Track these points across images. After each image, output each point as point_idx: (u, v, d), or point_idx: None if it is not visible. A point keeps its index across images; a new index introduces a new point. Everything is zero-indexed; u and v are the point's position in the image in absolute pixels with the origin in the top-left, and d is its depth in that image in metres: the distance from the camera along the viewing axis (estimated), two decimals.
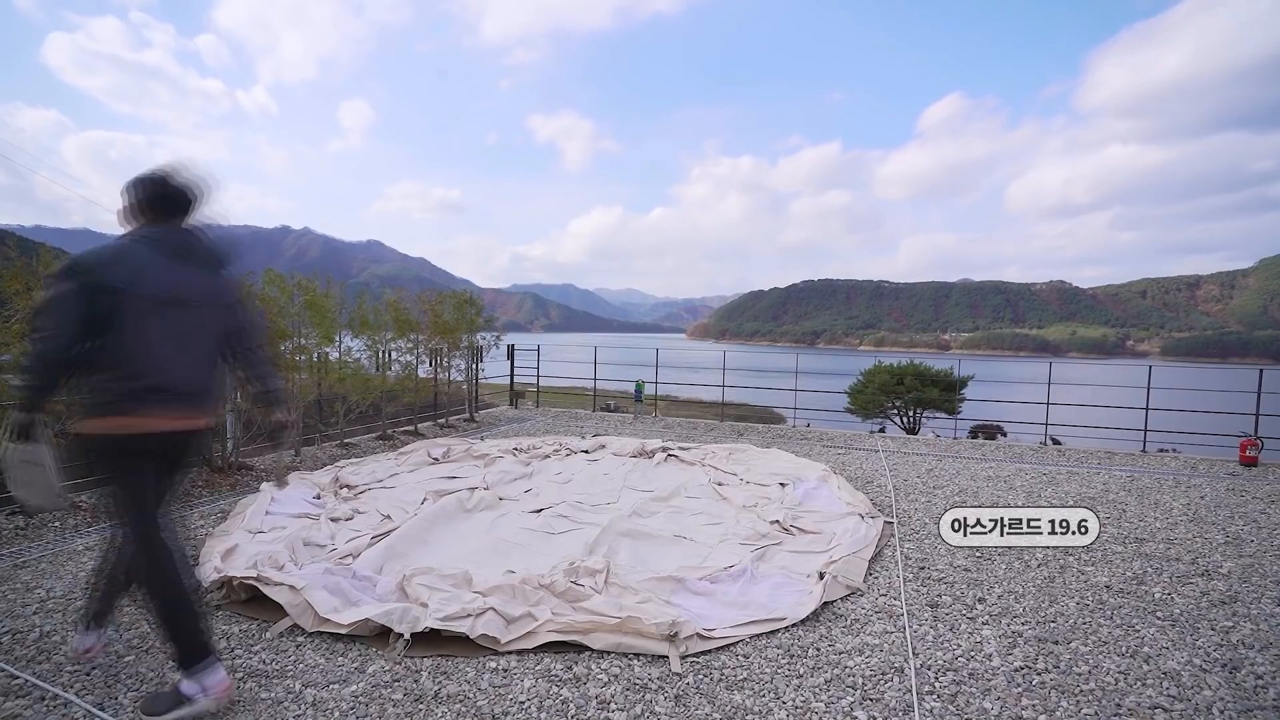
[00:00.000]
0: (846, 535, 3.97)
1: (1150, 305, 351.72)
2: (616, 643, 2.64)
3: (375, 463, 5.96)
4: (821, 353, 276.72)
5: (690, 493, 5.21)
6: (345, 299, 7.85)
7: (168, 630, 2.11)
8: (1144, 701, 2.36)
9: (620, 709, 2.27)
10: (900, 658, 2.66)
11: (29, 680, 2.36)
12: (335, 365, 7.42)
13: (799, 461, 6.33)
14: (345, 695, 2.33)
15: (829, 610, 3.11)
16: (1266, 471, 6.53)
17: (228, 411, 6.14)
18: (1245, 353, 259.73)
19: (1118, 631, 2.92)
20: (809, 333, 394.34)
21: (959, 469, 6.47)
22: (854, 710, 2.29)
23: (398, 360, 8.57)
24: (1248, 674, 2.56)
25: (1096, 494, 5.49)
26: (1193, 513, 4.91)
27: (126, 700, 2.28)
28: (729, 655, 2.66)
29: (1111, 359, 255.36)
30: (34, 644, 2.64)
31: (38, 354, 1.96)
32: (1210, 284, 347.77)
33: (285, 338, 6.43)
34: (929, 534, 4.29)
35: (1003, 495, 5.49)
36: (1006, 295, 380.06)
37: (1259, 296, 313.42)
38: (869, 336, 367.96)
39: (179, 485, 2.41)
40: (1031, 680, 2.50)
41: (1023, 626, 2.95)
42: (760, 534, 4.07)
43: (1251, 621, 3.02)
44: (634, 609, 2.86)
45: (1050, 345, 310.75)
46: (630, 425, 9.35)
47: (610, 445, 7.01)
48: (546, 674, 2.48)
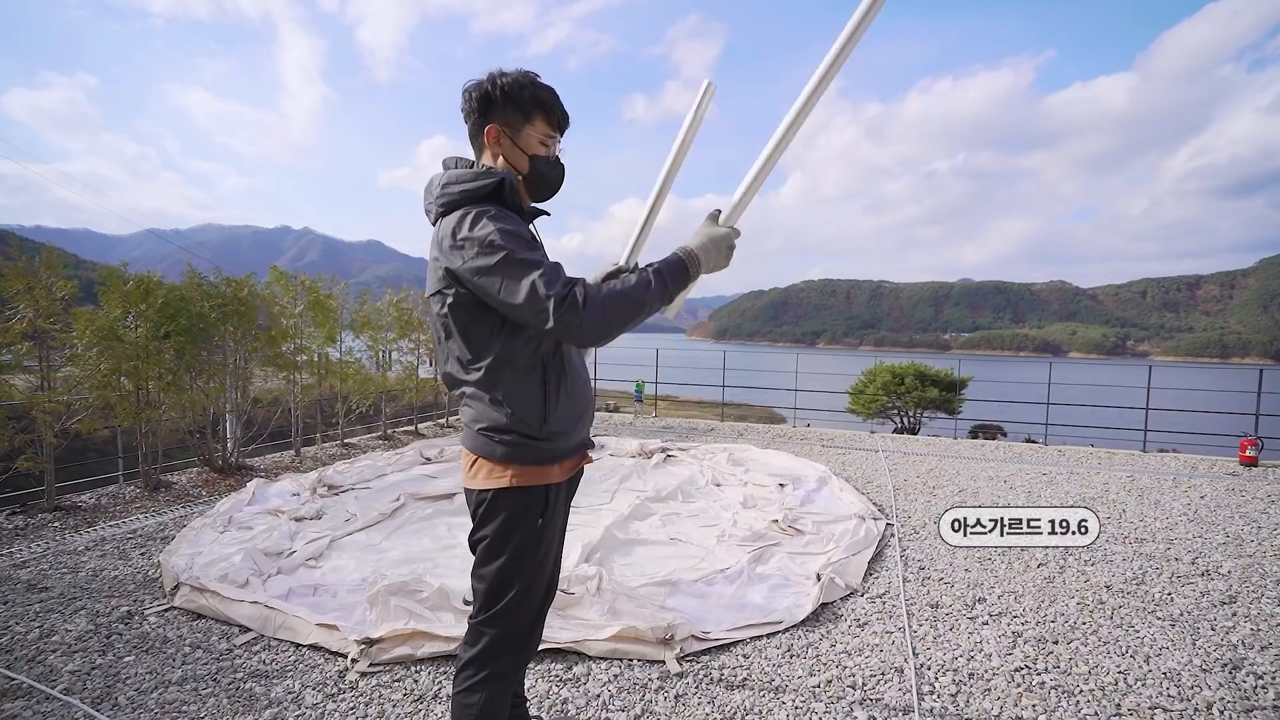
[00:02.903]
0: (846, 536, 3.97)
1: (1150, 305, 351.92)
2: (611, 649, 2.63)
3: (367, 461, 5.95)
4: (821, 353, 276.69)
5: (689, 494, 5.21)
6: (347, 299, 7.87)
7: None
8: (1144, 701, 2.36)
9: (620, 709, 2.27)
10: (900, 658, 2.66)
11: (28, 681, 2.36)
12: (336, 365, 7.43)
13: (799, 462, 6.33)
14: (345, 695, 2.33)
15: (829, 610, 3.11)
16: (1266, 471, 6.53)
17: (227, 412, 6.15)
18: (1245, 353, 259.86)
19: (1118, 631, 2.92)
20: (809, 333, 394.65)
21: (959, 469, 6.47)
22: (854, 710, 2.29)
23: (399, 360, 8.57)
24: (1248, 674, 2.55)
25: (1096, 494, 5.49)
26: (1193, 513, 4.91)
27: (126, 700, 2.28)
28: (729, 655, 2.66)
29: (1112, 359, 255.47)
30: (34, 644, 2.64)
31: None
32: (1210, 284, 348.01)
33: (287, 338, 6.44)
34: (929, 534, 4.29)
35: (1003, 495, 5.49)
36: (1006, 295, 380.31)
37: (1259, 296, 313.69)
38: (869, 336, 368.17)
39: None
40: (1031, 680, 2.50)
41: (1023, 626, 2.95)
42: (759, 535, 4.06)
43: (1251, 621, 3.02)
44: (628, 613, 2.84)
45: (1050, 345, 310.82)
46: (630, 425, 9.35)
47: (609, 446, 7.01)
48: (546, 674, 2.48)
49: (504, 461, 1.46)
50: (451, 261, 1.38)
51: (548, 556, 1.57)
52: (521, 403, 1.45)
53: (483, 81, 1.48)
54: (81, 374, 4.81)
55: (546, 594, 1.62)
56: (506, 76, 1.47)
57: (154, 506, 4.74)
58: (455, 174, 1.46)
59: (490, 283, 1.34)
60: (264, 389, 7.36)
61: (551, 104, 1.51)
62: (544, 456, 1.49)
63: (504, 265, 1.32)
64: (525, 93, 1.47)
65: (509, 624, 1.52)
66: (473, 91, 1.48)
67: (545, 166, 1.54)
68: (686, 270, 1.44)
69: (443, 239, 1.40)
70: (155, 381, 5.14)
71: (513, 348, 1.44)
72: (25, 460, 4.34)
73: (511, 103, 1.47)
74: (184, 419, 5.55)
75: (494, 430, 1.46)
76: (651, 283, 1.39)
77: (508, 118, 1.48)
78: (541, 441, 1.48)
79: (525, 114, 1.49)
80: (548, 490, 1.51)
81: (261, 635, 2.76)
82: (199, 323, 5.36)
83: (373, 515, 4.37)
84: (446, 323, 1.47)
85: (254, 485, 4.83)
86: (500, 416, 1.45)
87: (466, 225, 1.36)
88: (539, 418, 1.46)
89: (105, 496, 4.97)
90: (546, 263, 1.35)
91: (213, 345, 5.70)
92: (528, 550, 1.50)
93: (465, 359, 1.47)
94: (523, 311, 1.33)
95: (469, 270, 1.35)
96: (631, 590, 3.15)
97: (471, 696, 1.51)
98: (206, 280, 5.76)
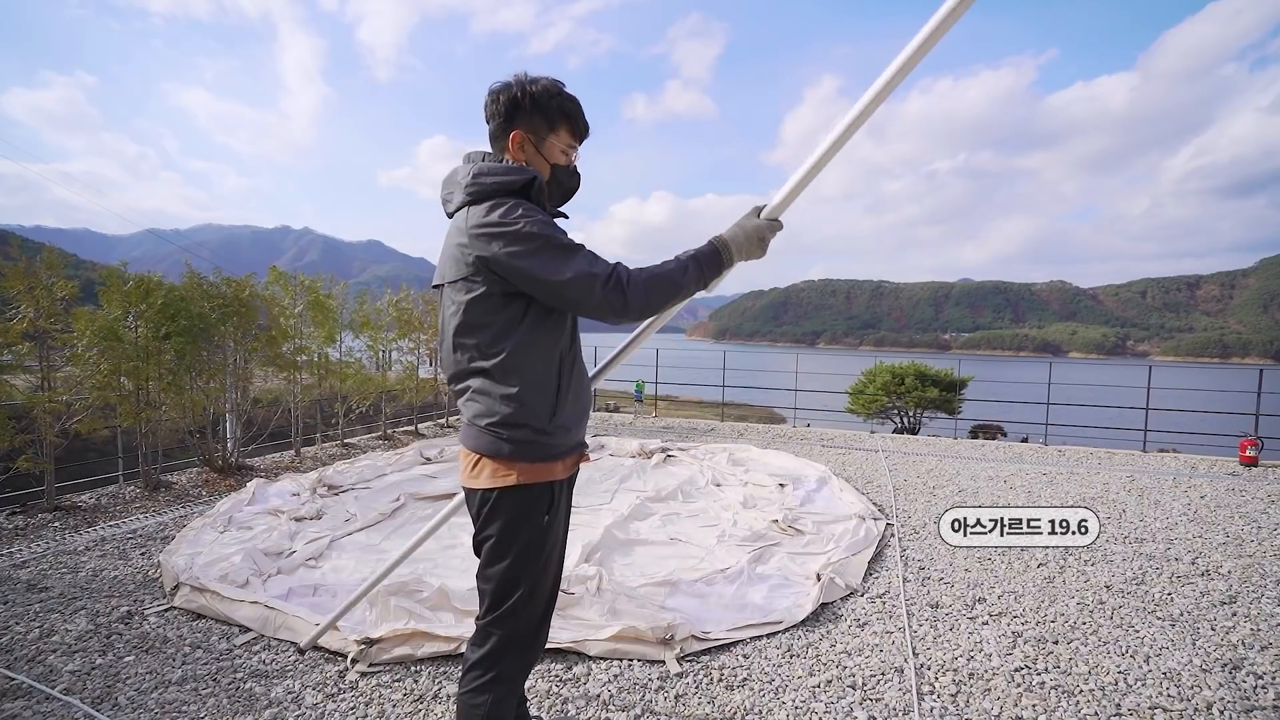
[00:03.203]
0: (846, 536, 3.97)
1: (1150, 305, 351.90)
2: (611, 649, 2.63)
3: (367, 461, 5.95)
4: (821, 353, 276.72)
5: (689, 494, 5.21)
6: (347, 299, 7.87)
7: None
8: (1144, 701, 2.36)
9: (620, 709, 2.27)
10: (900, 658, 2.66)
11: (28, 681, 2.36)
12: (336, 365, 7.43)
13: (799, 462, 6.33)
14: (345, 695, 2.33)
15: (829, 610, 3.11)
16: (1266, 471, 6.53)
17: (227, 412, 6.15)
18: (1245, 353, 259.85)
19: (1118, 631, 2.92)
20: (809, 333, 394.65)
21: (959, 469, 6.47)
22: (854, 710, 2.29)
23: (399, 361, 8.58)
24: (1248, 674, 2.55)
25: (1096, 494, 5.49)
26: (1193, 513, 4.91)
27: (126, 700, 2.28)
28: (729, 655, 2.66)
29: (1112, 359, 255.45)
30: (34, 644, 2.64)
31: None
32: (1210, 284, 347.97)
33: (287, 338, 6.44)
34: (929, 534, 4.29)
35: (1003, 495, 5.49)
36: (1006, 295, 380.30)
37: (1259, 296, 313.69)
38: (869, 336, 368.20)
39: None
40: (1031, 680, 2.50)
41: (1023, 626, 2.95)
42: (759, 535, 4.06)
43: (1251, 621, 3.02)
44: (628, 613, 2.84)
45: (1050, 345, 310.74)
46: (630, 425, 9.35)
47: (609, 446, 7.01)
48: (546, 674, 2.48)
49: (509, 459, 1.46)
50: (485, 249, 1.38)
51: (552, 555, 1.57)
52: (535, 392, 1.46)
53: (512, 85, 1.48)
54: (82, 374, 4.81)
55: (551, 594, 1.62)
56: (536, 84, 1.48)
57: (154, 506, 4.74)
58: (488, 166, 1.47)
59: (532, 265, 1.36)
60: (264, 389, 7.36)
61: (576, 115, 1.53)
62: (548, 453, 1.50)
63: (546, 249, 1.36)
64: (553, 103, 1.48)
65: (516, 624, 1.52)
66: (500, 95, 1.49)
67: (564, 176, 1.56)
68: (720, 257, 1.49)
69: (472, 227, 1.40)
70: (155, 381, 5.14)
71: (534, 338, 1.45)
72: (25, 460, 4.35)
73: (539, 111, 1.49)
74: (184, 419, 5.55)
75: (501, 426, 1.46)
76: (689, 268, 1.45)
77: (534, 125, 1.49)
78: (547, 437, 1.49)
79: (551, 123, 1.50)
80: (553, 487, 1.52)
81: (261, 635, 2.76)
82: (199, 323, 5.36)
83: (373, 515, 4.37)
84: (468, 310, 1.45)
85: (254, 485, 4.84)
86: (509, 409, 1.45)
87: (501, 213, 1.38)
88: (549, 409, 1.48)
89: (105, 496, 4.97)
90: (585, 248, 1.41)
91: (213, 345, 5.71)
92: (534, 549, 1.51)
93: (484, 345, 1.46)
94: (568, 289, 1.37)
95: (507, 255, 1.36)
96: (631, 590, 3.15)
97: (479, 697, 1.52)
98: (206, 280, 5.77)
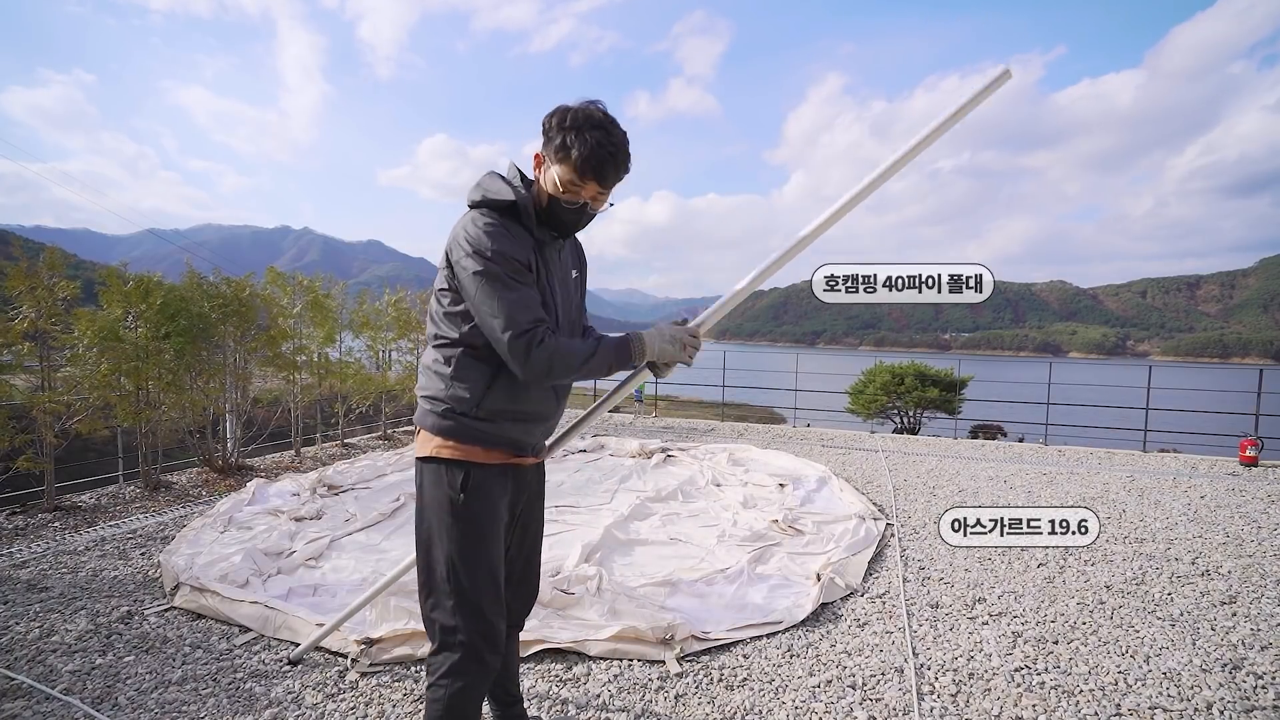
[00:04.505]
0: (846, 536, 3.97)
1: (1150, 305, 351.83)
2: (611, 649, 2.63)
3: (367, 461, 5.95)
4: (821, 353, 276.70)
5: (689, 494, 5.21)
6: (346, 299, 7.86)
7: None
8: (1144, 701, 2.36)
9: (620, 709, 2.27)
10: (900, 658, 2.66)
11: (28, 681, 2.36)
12: (336, 365, 7.43)
13: (799, 462, 6.33)
14: (345, 695, 2.33)
15: (829, 610, 3.11)
16: (1266, 471, 6.53)
17: (227, 412, 6.15)
18: (1245, 353, 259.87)
19: (1118, 631, 2.92)
20: (809, 333, 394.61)
21: (959, 469, 6.47)
22: (854, 710, 2.29)
23: (399, 360, 8.57)
24: (1248, 674, 2.55)
25: (1096, 494, 5.49)
26: (1193, 513, 4.91)
27: (126, 700, 2.28)
28: (729, 655, 2.66)
29: (1112, 359, 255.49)
30: (34, 644, 2.64)
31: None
32: (1210, 284, 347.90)
33: (287, 338, 6.44)
34: (929, 534, 4.29)
35: (1003, 495, 5.50)
36: (1007, 295, 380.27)
37: (1259, 296, 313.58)
38: (869, 336, 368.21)
39: None
40: (1031, 680, 2.50)
41: (1023, 626, 2.95)
42: (759, 535, 4.06)
43: (1251, 621, 3.02)
44: (628, 613, 2.84)
45: (1050, 345, 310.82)
46: (630, 425, 9.35)
47: (609, 446, 7.01)
48: (546, 674, 2.48)
49: (432, 431, 1.57)
50: (453, 252, 1.51)
51: (483, 543, 1.56)
52: (464, 381, 1.55)
53: (558, 108, 1.52)
54: (82, 374, 4.81)
55: (495, 585, 1.59)
56: (565, 114, 1.49)
57: (154, 506, 4.74)
58: (490, 178, 1.58)
59: (470, 285, 1.47)
60: (264, 389, 7.36)
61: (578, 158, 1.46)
62: (472, 435, 1.55)
63: (487, 277, 1.44)
64: (559, 136, 1.49)
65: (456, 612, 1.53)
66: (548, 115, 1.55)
67: (559, 209, 1.55)
68: (629, 349, 1.56)
69: (456, 230, 1.53)
70: (155, 381, 5.14)
71: (477, 336, 1.53)
72: (25, 460, 4.34)
73: (549, 140, 1.52)
74: (184, 419, 5.55)
75: (431, 399, 1.59)
76: (597, 353, 1.53)
77: (548, 152, 1.54)
78: (470, 420, 1.55)
79: (556, 155, 1.51)
80: (469, 467, 1.55)
81: (261, 635, 2.76)
82: (199, 323, 5.36)
83: (373, 515, 4.36)
84: (438, 296, 1.59)
85: (254, 485, 4.84)
86: (440, 385, 1.57)
87: (473, 227, 1.49)
88: (474, 399, 1.54)
89: (105, 496, 4.97)
90: (524, 292, 1.46)
91: (213, 345, 5.70)
92: (454, 530, 1.54)
93: (440, 328, 1.59)
94: (488, 322, 1.47)
95: (460, 265, 1.49)
96: (631, 590, 3.15)
97: (435, 691, 1.55)
98: (206, 280, 5.77)
